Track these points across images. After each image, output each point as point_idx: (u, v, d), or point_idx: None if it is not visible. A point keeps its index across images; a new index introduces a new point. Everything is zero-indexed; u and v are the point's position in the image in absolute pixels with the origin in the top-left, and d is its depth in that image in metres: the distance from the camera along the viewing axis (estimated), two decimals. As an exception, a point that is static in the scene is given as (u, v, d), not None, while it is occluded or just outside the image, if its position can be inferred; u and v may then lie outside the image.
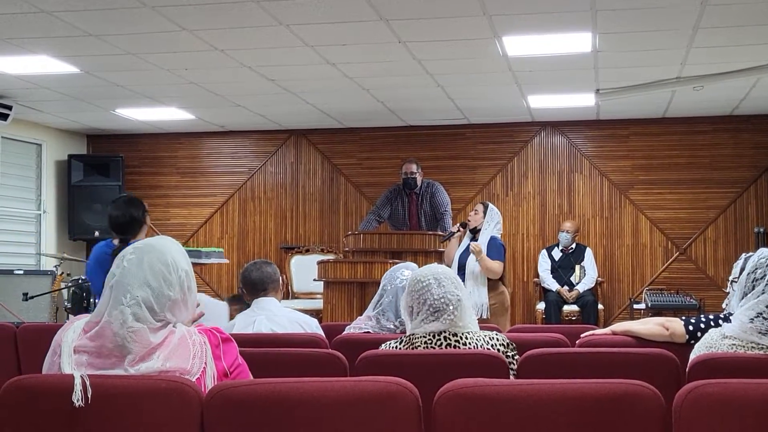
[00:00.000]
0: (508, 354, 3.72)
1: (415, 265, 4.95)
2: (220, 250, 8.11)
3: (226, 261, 8.23)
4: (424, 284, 3.80)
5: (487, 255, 8.23)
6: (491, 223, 8.50)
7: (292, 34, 7.44)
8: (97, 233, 12.12)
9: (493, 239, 8.41)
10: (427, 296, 3.78)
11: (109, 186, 12.22)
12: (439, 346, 3.74)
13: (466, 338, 3.73)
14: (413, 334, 3.82)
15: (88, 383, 2.54)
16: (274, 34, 7.42)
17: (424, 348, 3.75)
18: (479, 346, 3.71)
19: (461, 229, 8.74)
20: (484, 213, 8.60)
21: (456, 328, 3.75)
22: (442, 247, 8.80)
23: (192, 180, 12.69)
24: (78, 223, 12.15)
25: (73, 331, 2.73)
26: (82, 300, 10.23)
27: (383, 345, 3.94)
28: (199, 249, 8.74)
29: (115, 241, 6.02)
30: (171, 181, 12.75)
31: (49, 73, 8.82)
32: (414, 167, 9.95)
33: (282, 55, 8.16)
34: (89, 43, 7.73)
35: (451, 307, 3.74)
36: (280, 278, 5.22)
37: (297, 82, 9.35)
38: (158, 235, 3.08)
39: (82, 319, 2.78)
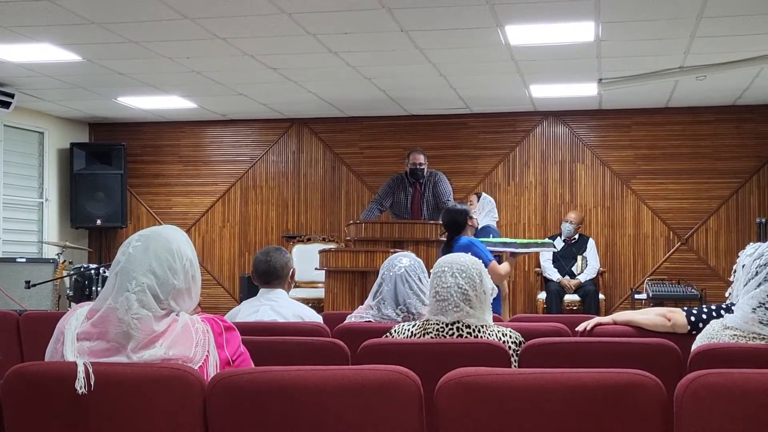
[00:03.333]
0: (519, 351, 3.72)
1: (413, 254, 4.96)
2: (549, 240, 8.31)
3: (555, 249, 8.45)
4: (440, 271, 3.82)
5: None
6: (483, 211, 8.58)
7: (294, 23, 7.44)
8: (99, 221, 12.14)
9: (486, 228, 8.47)
10: (437, 283, 3.80)
11: (111, 174, 12.23)
12: (450, 335, 3.74)
13: (479, 331, 3.74)
14: (428, 320, 3.84)
15: (91, 371, 2.55)
16: (276, 22, 7.41)
17: (435, 335, 3.76)
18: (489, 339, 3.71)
19: None
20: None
21: (469, 320, 3.75)
22: (444, 237, 8.82)
23: (194, 168, 12.69)
24: (80, 211, 12.16)
25: (75, 319, 2.72)
26: (84, 288, 10.32)
27: (396, 327, 3.95)
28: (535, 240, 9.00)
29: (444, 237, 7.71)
30: (173, 169, 12.74)
31: (51, 61, 8.82)
32: (422, 158, 9.99)
33: (284, 44, 8.16)
34: (91, 31, 7.73)
35: (452, 300, 3.74)
36: (291, 269, 5.18)
37: (299, 71, 9.35)
38: (162, 224, 3.08)
39: (85, 307, 2.78)
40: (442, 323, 3.77)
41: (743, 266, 3.51)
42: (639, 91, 10.10)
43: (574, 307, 10.31)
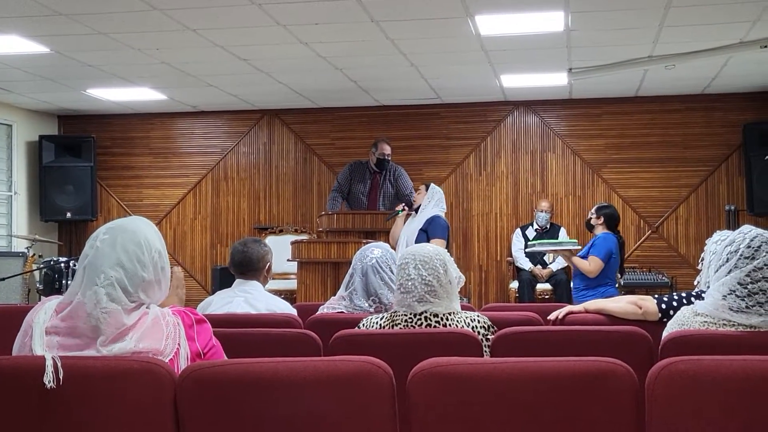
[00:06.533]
0: (489, 336, 3.73)
1: (386, 245, 4.96)
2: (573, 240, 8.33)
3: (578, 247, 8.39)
4: (404, 263, 3.83)
5: (431, 233, 8.21)
6: (432, 201, 8.49)
7: (264, 14, 7.40)
8: (68, 214, 12.05)
9: (436, 218, 8.39)
10: (402, 275, 3.81)
11: (80, 167, 12.14)
12: (419, 325, 3.75)
13: (448, 319, 3.75)
14: (395, 312, 3.84)
15: (59, 364, 2.53)
16: (246, 13, 7.38)
17: (404, 326, 3.76)
18: (460, 328, 3.72)
19: (406, 208, 8.76)
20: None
21: (436, 309, 3.76)
22: (388, 226, 8.82)
23: (164, 160, 12.63)
24: (49, 204, 12.06)
25: (44, 312, 2.70)
26: (54, 281, 10.26)
27: (365, 320, 3.95)
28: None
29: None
30: (143, 161, 12.67)
31: (19, 53, 8.74)
32: (389, 148, 10.07)
33: (254, 35, 8.12)
34: (60, 23, 7.66)
35: (416, 293, 3.75)
36: (268, 262, 5.16)
37: (269, 62, 9.31)
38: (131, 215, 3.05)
39: (53, 300, 2.76)
40: (410, 314, 3.78)
41: (713, 253, 3.52)
42: (609, 81, 10.14)
43: (546, 296, 10.35)
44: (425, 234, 8.25)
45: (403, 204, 8.88)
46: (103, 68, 9.54)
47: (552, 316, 4.26)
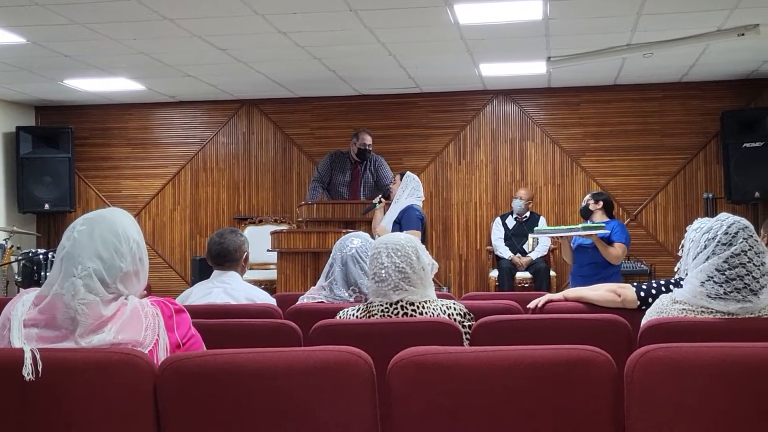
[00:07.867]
0: (464, 324, 3.74)
1: (366, 234, 4.96)
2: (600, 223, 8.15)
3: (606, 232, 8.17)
4: (376, 252, 3.83)
5: (405, 225, 8.23)
6: (405, 191, 8.49)
7: (242, 3, 7.37)
8: (47, 206, 11.99)
9: (410, 209, 8.40)
10: (375, 263, 3.81)
11: (58, 158, 12.07)
12: (396, 314, 3.75)
13: (423, 307, 3.75)
14: (371, 303, 3.84)
15: (38, 357, 2.51)
16: (224, 2, 7.34)
17: (381, 316, 3.76)
18: (436, 315, 3.72)
19: (383, 200, 8.77)
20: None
21: (412, 297, 3.76)
22: (369, 217, 8.83)
23: (143, 151, 12.57)
24: (27, 195, 11.99)
25: (22, 305, 2.69)
26: (32, 273, 10.21)
27: (341, 312, 3.94)
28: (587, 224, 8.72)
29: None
30: (122, 152, 12.61)
31: (-6, 43, 8.69)
32: (370, 139, 10.09)
33: (232, 25, 8.09)
34: (35, 13, 7.60)
35: (390, 281, 3.75)
36: (245, 252, 5.16)
37: (248, 52, 9.28)
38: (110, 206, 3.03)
39: (31, 293, 2.74)
40: (386, 303, 3.78)
41: (692, 240, 3.55)
42: (587, 69, 10.15)
43: (526, 285, 10.36)
44: (398, 226, 8.27)
45: (380, 196, 8.88)
46: (80, 59, 9.48)
47: (531, 305, 4.27)
